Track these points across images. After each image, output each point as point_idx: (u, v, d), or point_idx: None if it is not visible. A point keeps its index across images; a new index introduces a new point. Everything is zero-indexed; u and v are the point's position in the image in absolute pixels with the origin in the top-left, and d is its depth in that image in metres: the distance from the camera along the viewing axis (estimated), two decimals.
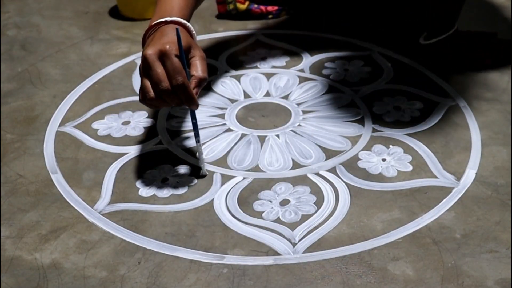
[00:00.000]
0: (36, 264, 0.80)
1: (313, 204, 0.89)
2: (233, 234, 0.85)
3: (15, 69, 1.24)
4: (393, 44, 1.29)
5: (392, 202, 0.90)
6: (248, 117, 1.08)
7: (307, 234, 0.84)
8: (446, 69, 1.20)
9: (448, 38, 1.18)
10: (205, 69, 0.85)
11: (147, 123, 1.07)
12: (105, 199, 0.91)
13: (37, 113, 1.10)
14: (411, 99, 1.12)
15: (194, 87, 0.84)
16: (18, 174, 0.96)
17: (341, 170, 0.96)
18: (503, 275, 0.78)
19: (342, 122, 1.07)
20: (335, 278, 0.78)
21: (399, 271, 0.79)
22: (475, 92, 1.14)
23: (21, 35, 1.37)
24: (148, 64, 0.81)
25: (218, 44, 1.32)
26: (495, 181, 0.93)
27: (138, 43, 1.32)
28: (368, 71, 1.21)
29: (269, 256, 0.81)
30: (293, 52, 1.28)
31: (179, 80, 0.81)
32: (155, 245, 0.83)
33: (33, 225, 0.86)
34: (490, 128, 1.04)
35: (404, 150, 1.00)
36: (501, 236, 0.84)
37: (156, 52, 0.82)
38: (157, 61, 0.81)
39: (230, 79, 1.19)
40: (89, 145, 1.02)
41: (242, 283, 0.77)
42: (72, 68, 1.24)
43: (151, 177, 0.95)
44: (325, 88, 1.16)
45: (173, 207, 0.89)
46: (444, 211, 0.88)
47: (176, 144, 1.02)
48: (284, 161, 0.98)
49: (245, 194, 0.91)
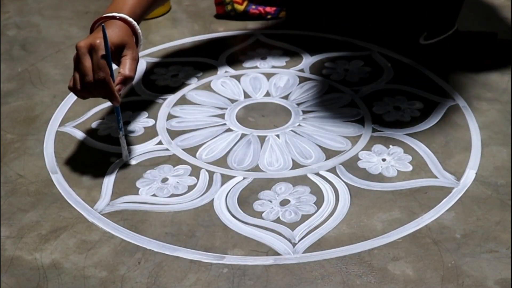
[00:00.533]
0: (36, 264, 0.80)
1: (313, 204, 0.89)
2: (233, 234, 0.85)
3: (15, 69, 1.24)
4: (393, 44, 1.29)
5: (392, 202, 0.90)
6: (248, 117, 1.08)
7: (307, 234, 0.84)
8: (446, 69, 1.20)
9: (448, 38, 1.18)
10: (133, 69, 0.89)
11: (147, 123, 1.07)
12: (105, 199, 0.91)
13: (37, 113, 1.10)
14: (411, 99, 1.12)
15: (117, 83, 0.88)
16: (18, 174, 0.96)
17: (341, 170, 0.96)
18: (503, 275, 0.78)
19: (342, 122, 1.07)
20: (335, 278, 0.78)
21: (399, 271, 0.79)
22: (475, 92, 1.14)
23: (21, 35, 1.37)
24: (78, 56, 0.87)
25: (218, 44, 1.32)
26: (495, 181, 0.93)
27: None
28: (368, 71, 1.21)
29: (269, 256, 0.81)
30: (293, 52, 1.28)
31: (100, 76, 0.86)
32: (155, 245, 0.83)
33: (33, 225, 0.86)
34: (490, 128, 1.04)
35: (404, 150, 1.00)
36: (501, 236, 0.84)
37: (87, 45, 0.87)
38: (87, 54, 0.87)
39: (230, 79, 1.19)
40: (89, 145, 1.02)
41: (242, 283, 0.77)
42: (72, 68, 1.23)
43: (151, 177, 0.95)
44: (325, 88, 1.16)
45: (173, 207, 0.89)
46: (444, 211, 0.88)
47: (176, 144, 1.02)
48: (284, 161, 0.98)
49: (245, 194, 0.91)
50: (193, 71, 1.22)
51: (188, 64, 1.24)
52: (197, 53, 1.28)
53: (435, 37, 1.19)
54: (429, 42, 1.20)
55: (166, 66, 1.24)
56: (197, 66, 1.23)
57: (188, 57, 1.27)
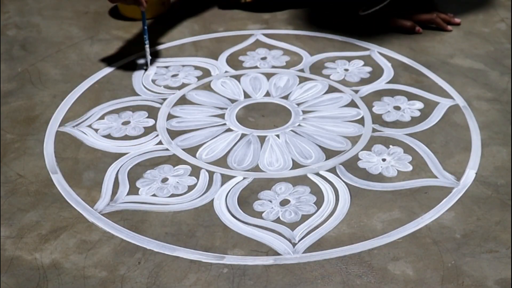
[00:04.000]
0: (36, 264, 0.80)
1: (313, 204, 0.89)
2: (233, 234, 0.85)
3: (15, 69, 1.24)
4: (393, 43, 1.29)
5: (392, 202, 0.90)
6: (248, 117, 1.08)
7: (307, 234, 0.84)
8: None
9: (384, 8, 1.33)
10: None
11: (147, 123, 1.07)
12: (105, 199, 0.91)
13: (37, 113, 1.10)
14: (411, 99, 1.12)
15: None
16: (18, 174, 0.96)
17: (341, 170, 0.96)
18: (503, 275, 0.78)
19: (342, 122, 1.07)
20: (335, 278, 0.78)
21: (399, 271, 0.79)
22: (475, 92, 1.14)
23: (21, 35, 1.37)
24: None
25: (218, 44, 1.32)
26: (495, 181, 0.93)
27: (138, 43, 1.32)
28: (368, 71, 1.21)
29: (269, 256, 0.81)
30: (293, 52, 1.28)
31: None
32: (155, 245, 0.83)
33: (33, 225, 0.86)
34: (490, 128, 1.04)
35: (404, 150, 1.00)
36: (501, 236, 0.84)
37: None
38: None
39: (230, 79, 1.19)
40: (89, 145, 1.02)
41: (242, 283, 0.77)
42: (72, 68, 1.24)
43: (151, 177, 0.95)
44: (325, 88, 1.16)
45: (173, 207, 0.89)
46: (444, 211, 0.88)
47: (176, 144, 1.02)
48: (284, 161, 0.98)
49: (245, 194, 0.91)
50: (193, 71, 1.22)
51: (188, 64, 1.24)
52: (197, 53, 1.28)
53: (372, 7, 1.33)
54: (367, 12, 1.35)
55: (166, 66, 1.24)
56: (197, 66, 1.23)
57: (188, 57, 1.27)
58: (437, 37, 1.33)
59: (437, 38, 1.32)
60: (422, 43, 1.30)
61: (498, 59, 1.24)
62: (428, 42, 1.31)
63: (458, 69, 1.21)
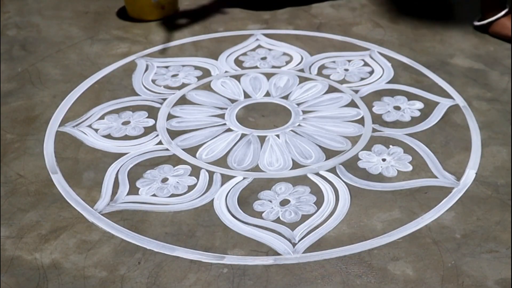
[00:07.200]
0: (36, 264, 0.80)
1: (313, 204, 0.89)
2: (233, 234, 0.85)
3: (15, 69, 1.24)
4: (393, 43, 1.29)
5: (392, 202, 0.90)
6: (248, 117, 1.08)
7: (307, 234, 0.84)
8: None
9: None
10: None
11: (147, 123, 1.07)
12: (105, 199, 0.91)
13: (37, 113, 1.10)
14: (411, 99, 1.12)
15: None
16: (18, 174, 0.96)
17: (341, 170, 0.96)
18: (503, 275, 0.78)
19: (342, 122, 1.07)
20: (335, 278, 0.78)
21: (399, 271, 0.79)
22: (475, 92, 1.14)
23: (21, 35, 1.37)
24: None
25: (218, 44, 1.32)
26: (495, 181, 0.93)
27: (138, 43, 1.32)
28: (368, 71, 1.21)
29: (269, 256, 0.81)
30: (293, 52, 1.28)
31: None
32: (155, 245, 0.83)
33: (33, 225, 0.86)
34: (490, 128, 1.04)
35: (404, 150, 1.00)
36: (501, 236, 0.84)
37: None
38: None
39: (230, 79, 1.19)
40: (89, 145, 1.02)
41: (242, 283, 0.77)
42: (72, 68, 1.24)
43: (151, 177, 0.95)
44: (325, 88, 1.16)
45: (173, 207, 0.89)
46: (444, 211, 0.88)
47: (176, 144, 1.02)
48: (284, 161, 0.98)
49: (245, 194, 0.91)
50: (193, 71, 1.22)
51: (188, 64, 1.24)
52: (197, 53, 1.28)
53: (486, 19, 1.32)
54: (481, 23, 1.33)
55: (166, 66, 1.24)
56: (197, 66, 1.23)
57: (188, 57, 1.27)
58: (437, 37, 1.33)
59: (437, 38, 1.32)
60: (422, 43, 1.30)
61: (498, 59, 1.24)
62: (428, 42, 1.31)
63: (458, 69, 1.21)
